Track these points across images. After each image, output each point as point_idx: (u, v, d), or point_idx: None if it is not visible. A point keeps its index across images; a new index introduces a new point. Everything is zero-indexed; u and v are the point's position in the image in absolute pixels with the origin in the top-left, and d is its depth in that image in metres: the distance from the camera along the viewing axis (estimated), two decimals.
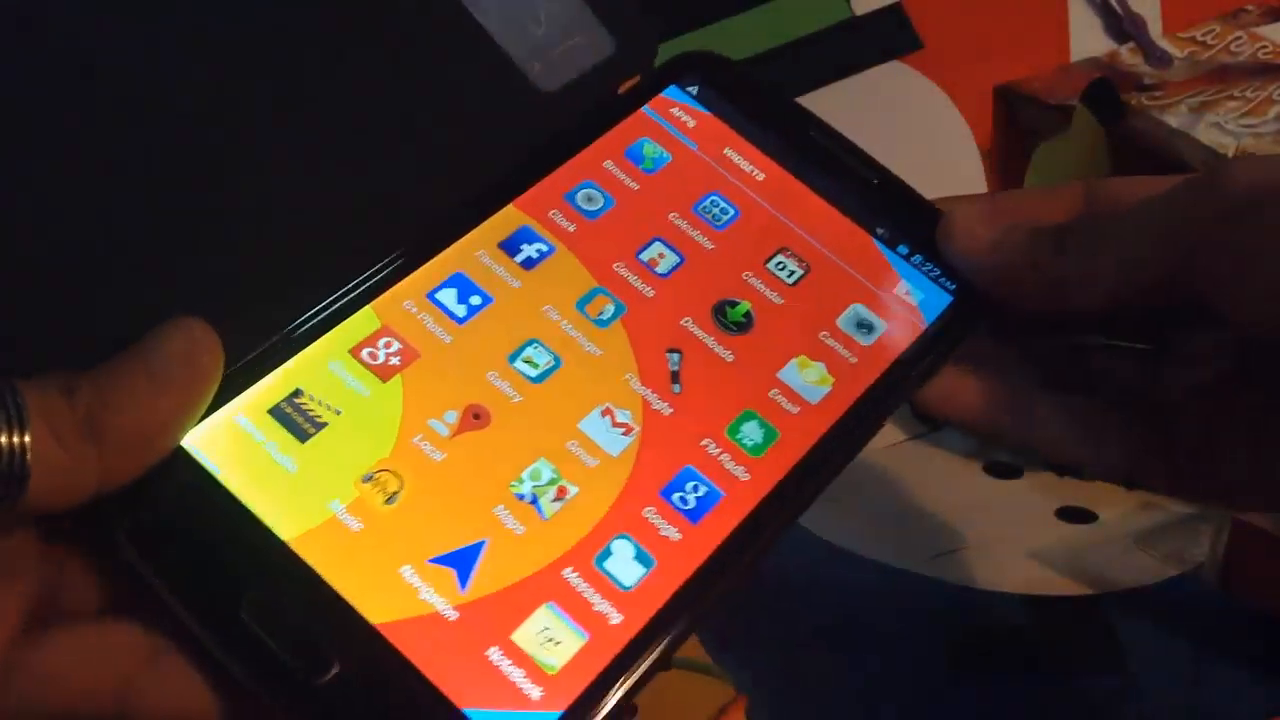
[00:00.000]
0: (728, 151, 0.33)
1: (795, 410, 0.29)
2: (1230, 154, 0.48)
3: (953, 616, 0.44)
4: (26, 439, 0.22)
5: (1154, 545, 0.46)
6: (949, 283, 0.32)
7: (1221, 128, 0.50)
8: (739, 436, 0.29)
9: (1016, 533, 0.46)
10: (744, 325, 0.30)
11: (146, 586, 0.24)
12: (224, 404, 0.27)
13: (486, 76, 0.32)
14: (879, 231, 0.32)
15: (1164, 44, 0.57)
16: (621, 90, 0.34)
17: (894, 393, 0.30)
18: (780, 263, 0.31)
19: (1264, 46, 0.55)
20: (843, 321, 0.31)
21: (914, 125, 0.54)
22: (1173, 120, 0.50)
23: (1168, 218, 0.28)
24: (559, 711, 0.24)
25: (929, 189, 0.58)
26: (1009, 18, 0.57)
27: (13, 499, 0.22)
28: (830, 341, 0.30)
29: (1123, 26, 0.57)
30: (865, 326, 0.31)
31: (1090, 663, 0.43)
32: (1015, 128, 0.55)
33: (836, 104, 0.53)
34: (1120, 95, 0.52)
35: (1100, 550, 0.46)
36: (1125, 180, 0.31)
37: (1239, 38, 0.56)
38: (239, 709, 0.24)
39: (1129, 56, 0.56)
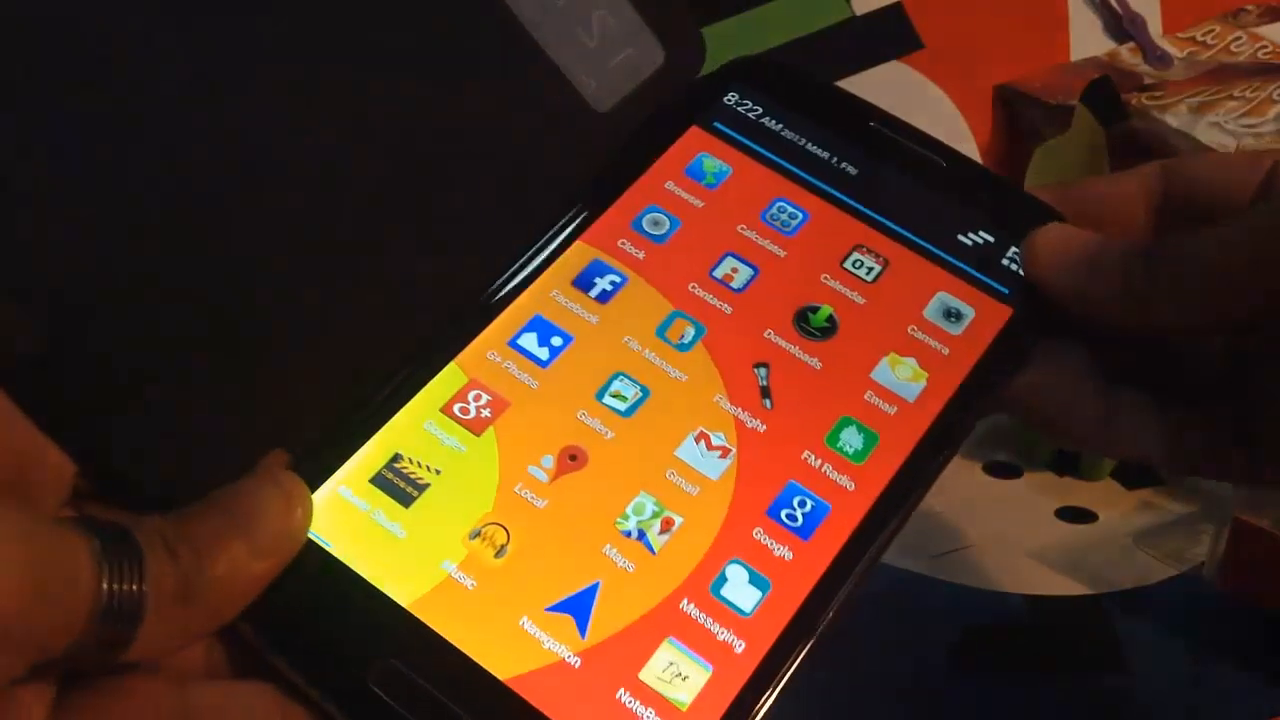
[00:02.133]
0: (789, 155, 0.32)
1: (893, 410, 0.29)
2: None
3: (953, 616, 0.44)
4: (145, 589, 0.22)
5: (1154, 545, 0.46)
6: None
7: (1221, 128, 0.50)
8: (839, 445, 0.28)
9: (1016, 533, 0.46)
10: (828, 330, 0.30)
11: (275, 668, 0.24)
12: (327, 478, 0.27)
13: (543, 98, 0.31)
14: (957, 218, 0.31)
15: (1164, 44, 0.56)
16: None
17: (991, 381, 0.29)
18: (857, 260, 0.31)
19: (1264, 46, 0.55)
20: (929, 312, 0.30)
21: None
22: (1173, 120, 0.50)
23: (1268, 247, 0.27)
24: None
25: None
26: (1009, 18, 0.57)
27: (120, 646, 0.22)
28: (920, 335, 0.30)
29: (1123, 26, 0.57)
30: (953, 315, 0.30)
31: (1090, 663, 0.43)
32: (1015, 128, 0.55)
33: None
34: (1120, 95, 0.52)
35: (1100, 550, 0.46)
36: (1204, 161, 0.31)
37: (1239, 38, 0.56)
38: None
39: (1129, 56, 0.56)
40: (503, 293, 0.30)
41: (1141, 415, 0.30)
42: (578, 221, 0.31)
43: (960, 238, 0.31)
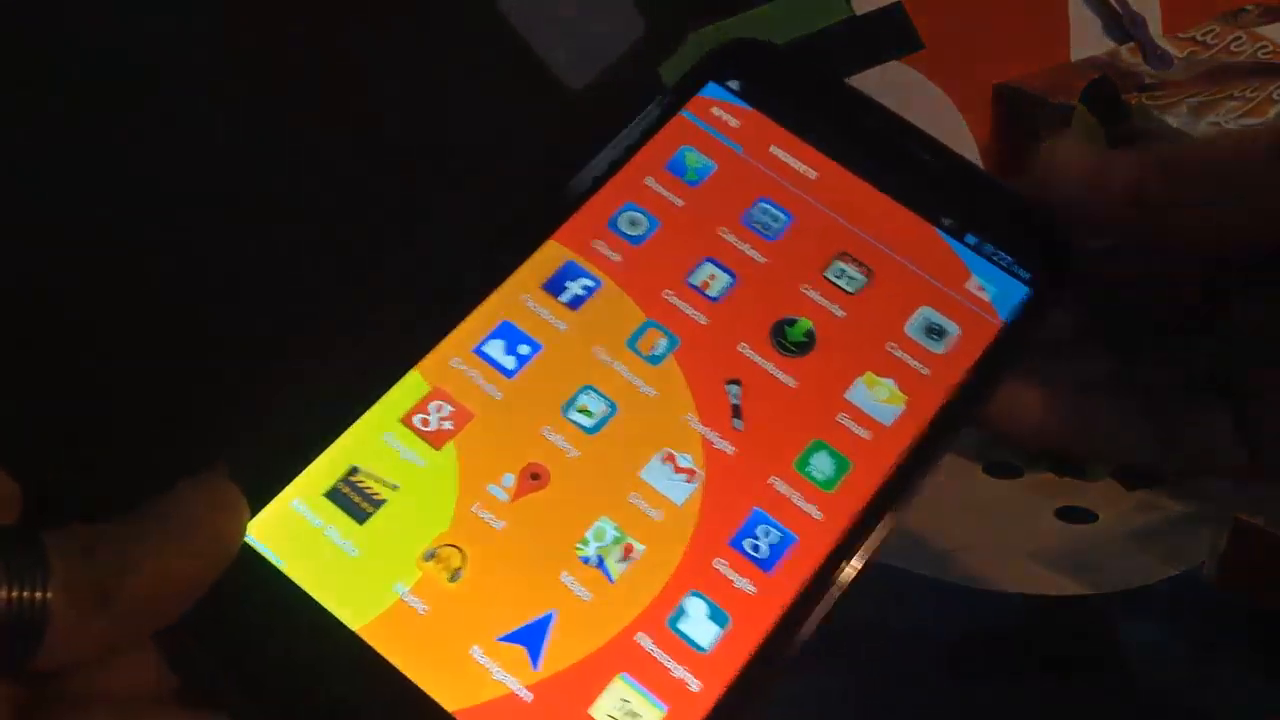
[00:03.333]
0: (775, 149, 0.31)
1: (867, 435, 0.27)
2: None
3: (953, 616, 0.44)
4: (48, 596, 0.21)
5: (1154, 545, 0.46)
6: (1023, 272, 0.29)
7: (1221, 128, 0.50)
8: (808, 470, 0.27)
9: (1016, 533, 0.46)
10: (805, 345, 0.28)
11: (215, 681, 0.24)
12: (280, 489, 0.26)
13: (512, 75, 0.30)
14: (944, 222, 0.30)
15: (1164, 44, 0.56)
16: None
17: (971, 403, 0.28)
18: (840, 270, 0.29)
19: (1264, 46, 0.55)
20: (911, 328, 0.29)
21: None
22: (1173, 120, 0.50)
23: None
24: None
25: None
26: (1009, 18, 0.56)
27: (24, 656, 0.21)
28: (899, 353, 0.28)
29: (1123, 26, 0.57)
30: (936, 332, 0.29)
31: (1090, 663, 0.43)
32: (1015, 128, 0.55)
33: None
34: (1120, 95, 0.52)
35: (1100, 550, 0.46)
36: (1196, 143, 0.31)
37: (1239, 38, 0.56)
38: None
39: (1129, 56, 0.56)
40: (469, 294, 0.28)
41: (1126, 420, 0.30)
42: (551, 217, 0.29)
43: (951, 245, 0.30)
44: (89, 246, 0.26)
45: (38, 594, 0.21)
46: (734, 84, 0.31)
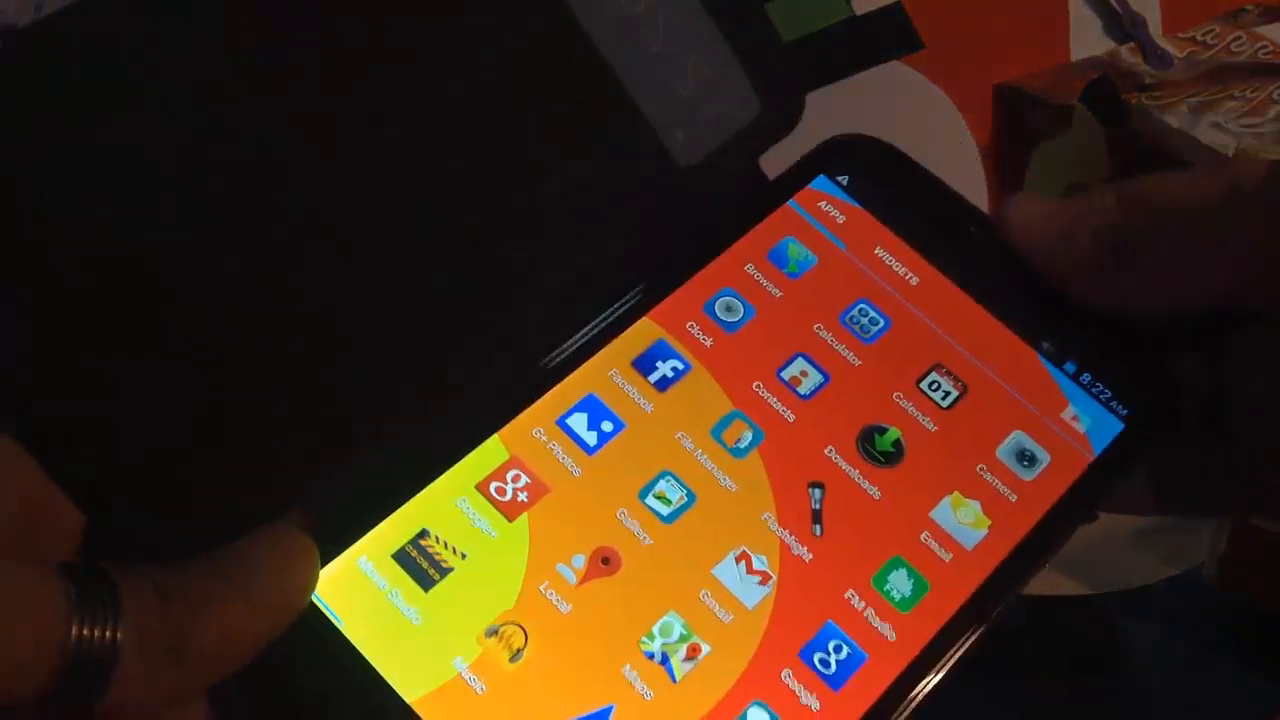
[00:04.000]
0: (879, 251, 0.30)
1: (948, 557, 0.26)
2: (1230, 154, 0.48)
3: None
4: (119, 637, 0.21)
5: (1154, 545, 0.46)
6: (1121, 408, 0.28)
7: (1221, 128, 0.50)
8: (886, 588, 0.26)
9: None
10: (893, 456, 0.27)
11: None
12: (348, 545, 0.25)
13: (626, 149, 0.28)
14: (1045, 346, 0.29)
15: (1164, 44, 0.56)
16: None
17: (1056, 534, 0.27)
18: (934, 382, 0.28)
19: (1264, 46, 0.55)
20: (1003, 453, 0.27)
21: (914, 125, 0.54)
22: (1173, 120, 0.50)
23: (1239, 225, 0.26)
24: None
25: None
26: (1009, 18, 0.56)
27: (87, 699, 0.21)
28: (988, 476, 0.27)
29: (1123, 26, 0.57)
30: (1027, 459, 0.27)
31: (1090, 663, 0.43)
32: (1015, 128, 0.55)
33: (836, 104, 0.53)
34: (1120, 95, 0.52)
35: (1100, 550, 0.46)
36: (1160, 179, 0.30)
37: (1239, 38, 0.56)
38: None
39: (1129, 56, 0.56)
40: (558, 364, 0.27)
41: (1149, 482, 0.29)
42: (648, 294, 0.29)
43: (1050, 371, 0.29)
44: (183, 277, 0.25)
45: (108, 634, 0.21)
46: (844, 179, 0.30)
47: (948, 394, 0.28)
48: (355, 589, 0.25)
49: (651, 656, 0.25)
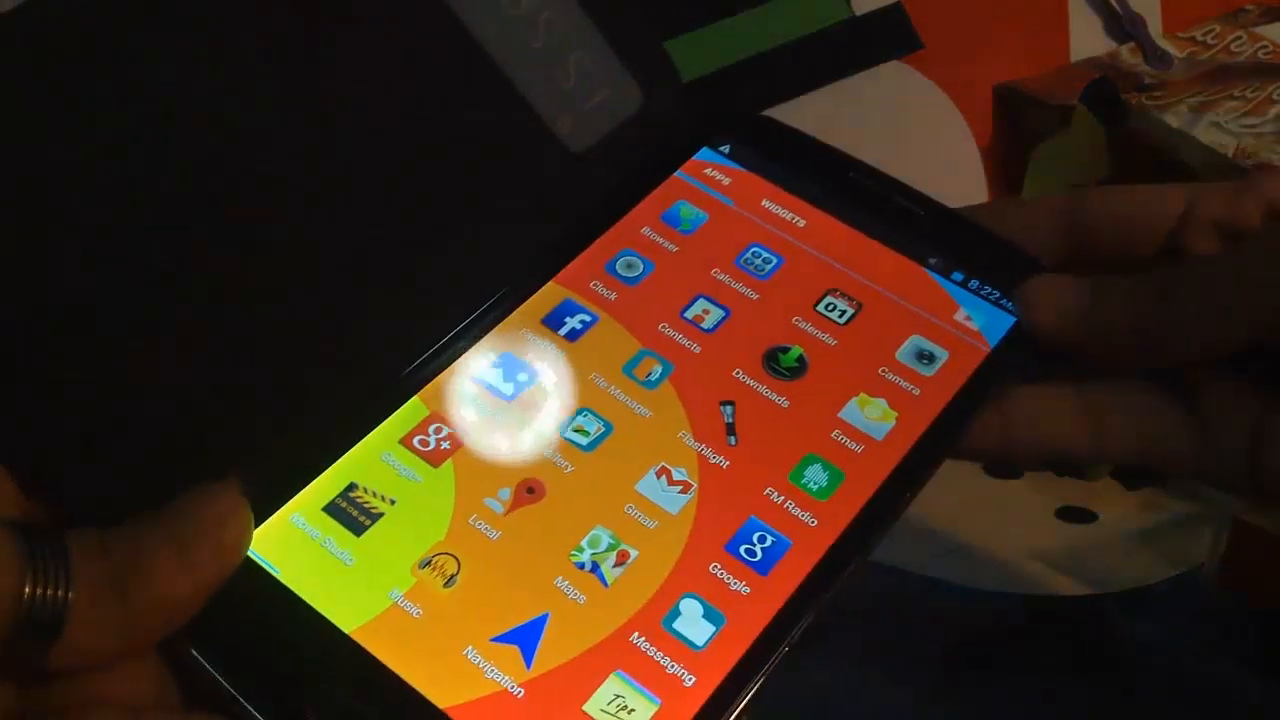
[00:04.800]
0: (766, 203, 0.33)
1: (860, 449, 0.28)
2: (1230, 154, 0.48)
3: (953, 616, 0.44)
4: (70, 595, 0.22)
5: (1154, 545, 0.46)
6: (1010, 304, 0.31)
7: (1221, 128, 0.50)
8: (803, 481, 0.28)
9: (1016, 533, 0.46)
10: (797, 370, 0.30)
11: (215, 690, 0.24)
12: (281, 504, 0.27)
13: (518, 138, 0.31)
14: (931, 261, 0.32)
15: (1164, 44, 0.56)
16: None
17: (961, 420, 0.29)
18: (830, 304, 0.31)
19: (1264, 46, 0.55)
20: (902, 354, 0.30)
21: (914, 125, 0.54)
22: (1173, 120, 0.50)
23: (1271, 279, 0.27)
24: None
25: (929, 189, 0.58)
26: (1009, 18, 0.56)
27: (42, 653, 0.22)
28: (891, 376, 0.30)
29: (1123, 26, 0.57)
30: (926, 358, 0.30)
31: (1090, 663, 0.43)
32: (1015, 128, 0.55)
33: (836, 104, 0.53)
34: (1120, 95, 0.52)
35: (1100, 550, 0.46)
36: (1113, 195, 0.31)
37: (1239, 38, 0.56)
38: None
39: (1129, 56, 0.56)
40: (470, 330, 0.30)
41: (1143, 420, 0.30)
42: (552, 262, 0.31)
43: (938, 283, 0.31)
44: (106, 254, 0.27)
45: (59, 591, 0.22)
46: (725, 148, 0.34)
47: (844, 312, 0.31)
48: (290, 542, 0.26)
49: (582, 566, 0.26)
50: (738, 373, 0.30)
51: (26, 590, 0.21)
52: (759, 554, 0.27)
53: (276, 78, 0.29)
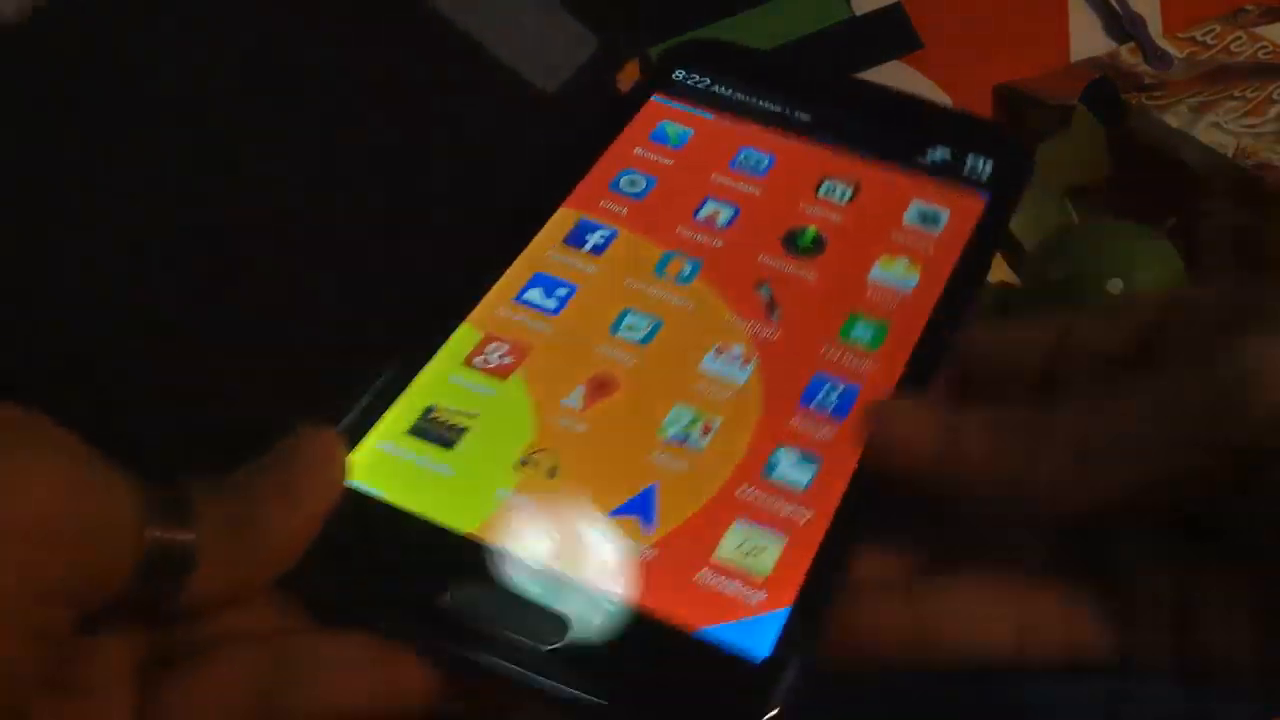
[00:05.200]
0: (744, 114, 0.36)
1: (895, 302, 0.31)
2: (1230, 154, 0.48)
3: None
4: (192, 536, 0.23)
5: None
6: (988, 162, 0.34)
7: (1221, 128, 0.50)
8: (852, 338, 0.30)
9: None
10: (817, 248, 0.32)
11: (344, 610, 0.25)
12: (362, 437, 0.28)
13: (497, 86, 0.35)
14: (906, 139, 0.35)
15: (1164, 44, 0.57)
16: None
17: (981, 258, 0.32)
18: (829, 188, 0.34)
19: (1264, 46, 0.55)
20: (909, 218, 0.33)
21: None
22: (1173, 120, 0.50)
23: (1186, 431, 0.24)
24: (786, 607, 0.25)
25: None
26: (1009, 18, 0.57)
27: (171, 594, 0.23)
28: (903, 238, 0.33)
29: (1123, 26, 0.58)
30: (930, 218, 0.33)
31: (1090, 663, 0.43)
32: (1015, 128, 0.55)
33: None
34: (1120, 95, 0.52)
35: None
36: (981, 327, 0.31)
37: (1239, 38, 0.56)
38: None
39: (1129, 56, 0.56)
40: (498, 259, 0.32)
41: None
42: (557, 190, 0.33)
43: (918, 155, 0.34)
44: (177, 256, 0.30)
45: (183, 533, 0.22)
46: (697, 70, 0.37)
47: (844, 193, 0.34)
48: (384, 466, 0.28)
49: (674, 440, 0.28)
50: (763, 258, 0.32)
51: (151, 531, 0.22)
52: (834, 401, 0.29)
53: (269, 75, 0.32)
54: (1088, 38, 0.58)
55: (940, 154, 0.34)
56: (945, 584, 0.27)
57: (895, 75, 0.55)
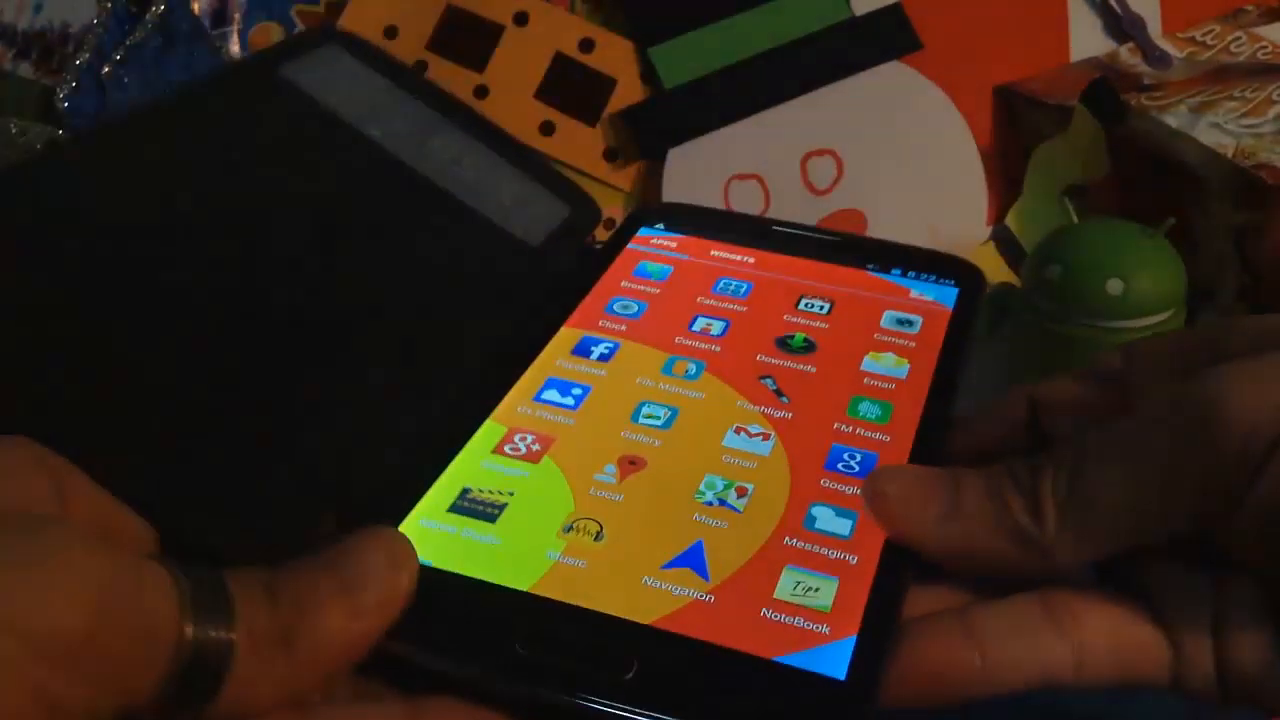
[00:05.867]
0: (714, 253, 0.40)
1: (892, 385, 0.34)
2: (1230, 154, 0.48)
3: None
4: (232, 636, 0.21)
5: None
6: (948, 281, 0.38)
7: (1221, 128, 0.50)
8: (860, 415, 0.33)
9: None
10: (809, 347, 0.35)
11: (439, 682, 0.25)
12: (403, 516, 0.29)
13: (486, 241, 0.39)
14: (870, 266, 0.39)
15: (1164, 44, 0.57)
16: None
17: (958, 354, 0.35)
18: (808, 304, 0.37)
19: (1264, 46, 0.55)
20: (886, 324, 0.36)
21: (914, 125, 0.54)
22: (1173, 120, 0.50)
23: (1164, 474, 0.25)
24: (853, 635, 0.26)
25: (929, 189, 0.58)
26: (1009, 18, 0.57)
27: (204, 700, 0.21)
28: (886, 338, 0.36)
29: (1123, 26, 0.58)
30: (905, 322, 0.36)
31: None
32: (1015, 128, 0.55)
33: (837, 104, 0.53)
34: (1120, 95, 0.52)
35: None
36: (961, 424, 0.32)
37: (1239, 38, 0.56)
38: None
39: (1129, 56, 0.56)
40: (508, 370, 0.34)
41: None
42: (558, 311, 0.36)
43: (883, 278, 0.38)
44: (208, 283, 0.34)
45: (221, 632, 0.21)
46: (660, 226, 0.41)
47: (823, 306, 0.37)
48: (429, 539, 0.29)
49: (711, 504, 0.30)
50: (761, 357, 0.35)
51: (188, 630, 0.21)
52: (856, 465, 0.31)
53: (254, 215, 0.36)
54: (1088, 38, 0.58)
55: (903, 279, 0.38)
56: (999, 608, 0.27)
57: (895, 75, 0.55)
